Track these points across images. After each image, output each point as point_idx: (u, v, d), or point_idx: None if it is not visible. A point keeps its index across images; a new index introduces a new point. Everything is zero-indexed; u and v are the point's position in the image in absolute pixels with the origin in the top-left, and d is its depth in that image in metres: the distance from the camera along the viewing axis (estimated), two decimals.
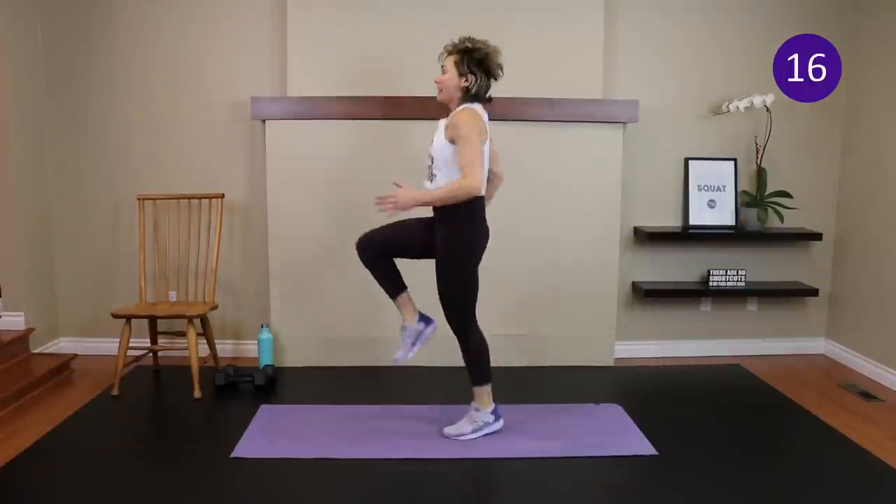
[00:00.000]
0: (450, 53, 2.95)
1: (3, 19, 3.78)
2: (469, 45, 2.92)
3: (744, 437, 3.20)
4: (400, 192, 2.89)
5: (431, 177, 3.02)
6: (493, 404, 3.16)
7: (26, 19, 3.97)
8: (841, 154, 4.32)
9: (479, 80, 2.92)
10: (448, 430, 3.15)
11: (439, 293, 3.02)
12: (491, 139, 3.01)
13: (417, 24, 3.93)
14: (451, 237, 2.97)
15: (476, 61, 2.90)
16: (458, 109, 2.94)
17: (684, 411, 3.49)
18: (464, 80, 2.91)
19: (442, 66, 2.97)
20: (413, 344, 3.17)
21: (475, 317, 3.08)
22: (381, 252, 3.09)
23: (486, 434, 3.14)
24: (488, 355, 3.10)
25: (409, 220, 3.14)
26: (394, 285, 3.14)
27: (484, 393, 3.12)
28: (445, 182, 2.92)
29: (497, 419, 3.16)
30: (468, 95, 2.94)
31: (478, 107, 2.96)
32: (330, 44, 3.95)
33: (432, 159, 3.00)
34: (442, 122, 3.01)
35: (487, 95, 2.98)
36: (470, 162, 2.81)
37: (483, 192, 2.91)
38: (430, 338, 3.21)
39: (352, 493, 2.68)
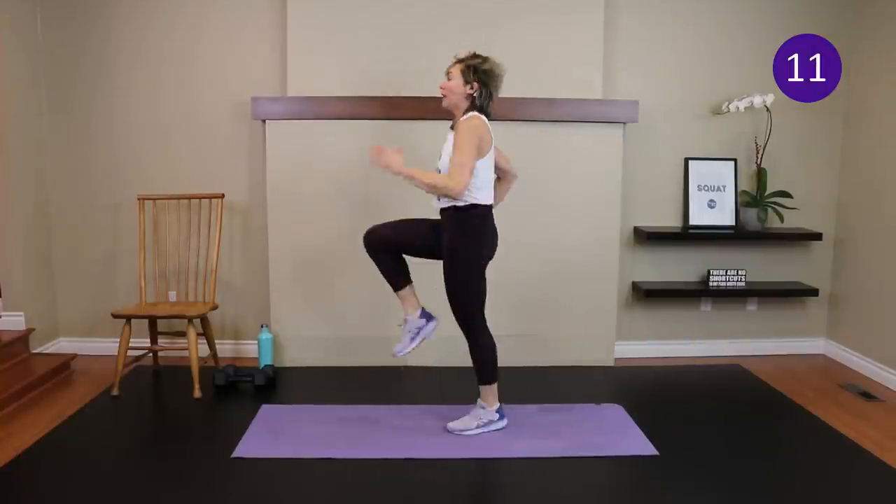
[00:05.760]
0: (457, 62, 3.03)
1: (3, 18, 3.78)
2: (476, 55, 3.01)
3: (744, 437, 3.19)
4: (391, 154, 2.94)
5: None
6: (498, 403, 3.20)
7: (26, 18, 3.97)
8: (841, 154, 4.32)
9: (481, 91, 2.99)
10: (452, 424, 3.19)
11: (447, 294, 3.06)
12: (495, 145, 3.05)
13: (417, 24, 3.93)
14: (455, 242, 3.02)
15: (481, 72, 2.98)
16: (464, 117, 2.98)
17: (684, 411, 3.49)
18: (469, 87, 2.98)
19: (447, 73, 3.03)
20: (413, 339, 3.20)
21: (484, 317, 3.13)
22: (387, 246, 3.13)
23: (490, 431, 3.17)
24: (496, 355, 3.14)
25: (419, 219, 3.18)
26: (398, 278, 3.17)
27: (490, 392, 3.17)
28: (437, 173, 2.98)
29: (501, 418, 3.21)
30: (473, 104, 3.01)
31: (482, 116, 3.01)
32: (330, 43, 3.95)
33: (439, 172, 3.04)
34: (449, 135, 3.06)
35: (489, 110, 3.04)
36: (459, 164, 2.87)
37: (460, 196, 2.94)
38: (430, 335, 3.24)
39: (352, 493, 2.68)
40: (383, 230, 3.14)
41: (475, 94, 2.99)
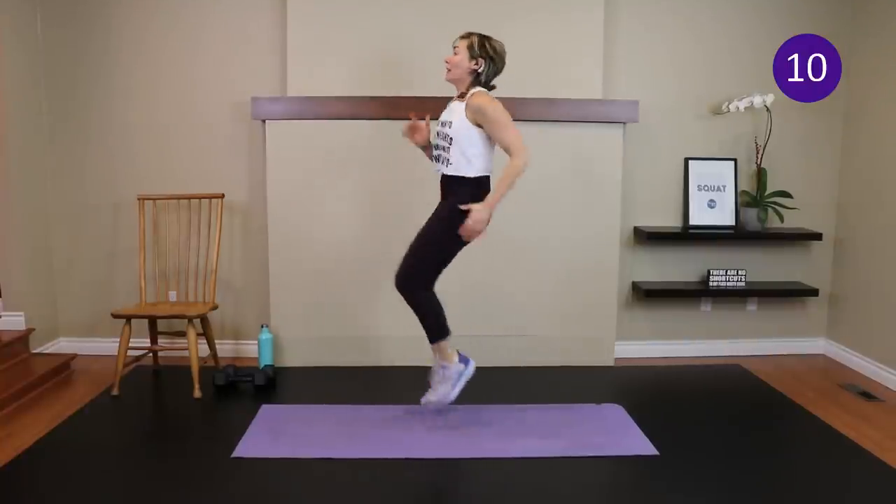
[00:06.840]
0: (463, 38, 3.05)
1: (3, 18, 3.78)
2: (483, 34, 3.06)
3: (744, 437, 3.20)
4: (473, 212, 2.95)
5: (444, 160, 3.05)
6: (457, 354, 3.18)
7: (26, 18, 3.97)
8: (841, 154, 4.32)
9: (487, 67, 3.03)
10: (428, 398, 3.17)
11: (415, 246, 3.05)
12: None
13: (417, 24, 3.93)
14: (453, 212, 3.02)
15: (489, 48, 3.02)
16: (473, 91, 3.02)
17: (684, 411, 3.49)
18: (474, 63, 3.02)
19: (454, 48, 3.06)
20: (455, 384, 3.17)
21: (433, 285, 3.10)
22: (431, 277, 3.10)
23: (466, 382, 3.18)
24: (443, 311, 3.11)
25: (425, 227, 3.13)
26: (442, 326, 3.12)
27: (444, 348, 3.14)
28: (501, 171, 2.97)
29: (467, 363, 3.19)
30: (477, 79, 3.04)
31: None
32: (330, 43, 3.95)
33: (450, 140, 3.03)
34: (456, 105, 3.08)
35: (492, 84, 3.09)
36: (514, 138, 2.93)
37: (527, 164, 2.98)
38: (469, 377, 3.22)
39: (352, 493, 2.68)
40: (415, 265, 3.07)
41: (480, 70, 3.02)
